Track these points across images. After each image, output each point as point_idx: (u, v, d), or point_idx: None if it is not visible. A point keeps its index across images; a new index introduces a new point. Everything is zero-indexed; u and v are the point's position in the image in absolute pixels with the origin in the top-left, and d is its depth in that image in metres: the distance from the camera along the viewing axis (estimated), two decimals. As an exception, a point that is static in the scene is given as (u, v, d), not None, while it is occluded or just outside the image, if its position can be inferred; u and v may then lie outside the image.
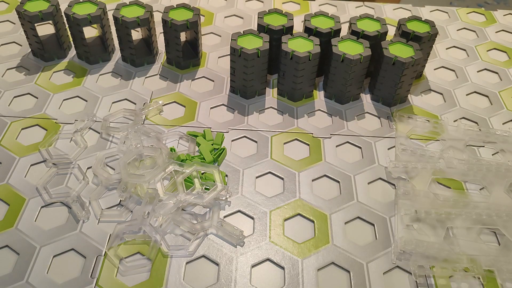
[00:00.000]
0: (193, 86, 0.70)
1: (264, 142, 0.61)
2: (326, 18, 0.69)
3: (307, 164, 0.58)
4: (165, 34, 0.68)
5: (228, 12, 0.86)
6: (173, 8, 0.68)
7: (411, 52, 0.63)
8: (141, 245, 0.48)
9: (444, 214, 0.53)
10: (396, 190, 0.56)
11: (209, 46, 0.77)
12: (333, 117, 0.66)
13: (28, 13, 0.66)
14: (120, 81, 0.70)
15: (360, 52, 0.62)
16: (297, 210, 0.53)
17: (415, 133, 0.63)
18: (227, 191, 0.53)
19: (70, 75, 0.70)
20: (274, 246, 0.49)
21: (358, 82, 0.65)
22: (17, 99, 0.66)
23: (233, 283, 0.46)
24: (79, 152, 0.58)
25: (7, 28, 0.79)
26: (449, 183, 0.57)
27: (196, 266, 0.47)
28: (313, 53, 0.61)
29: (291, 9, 0.88)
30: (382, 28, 0.67)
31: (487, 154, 0.61)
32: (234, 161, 0.58)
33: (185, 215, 0.51)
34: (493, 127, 0.65)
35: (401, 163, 0.58)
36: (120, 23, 0.66)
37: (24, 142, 0.59)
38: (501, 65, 0.77)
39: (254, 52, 0.61)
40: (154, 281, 0.46)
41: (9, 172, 0.55)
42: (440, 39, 0.82)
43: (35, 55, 0.73)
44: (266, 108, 0.66)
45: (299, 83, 0.64)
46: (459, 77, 0.74)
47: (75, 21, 0.66)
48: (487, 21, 0.88)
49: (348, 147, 0.61)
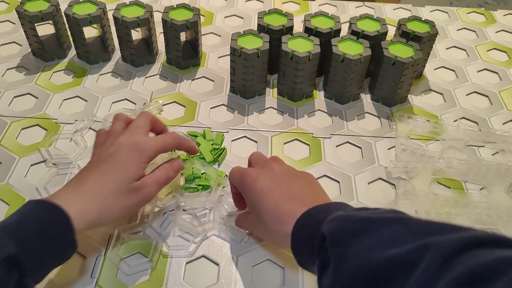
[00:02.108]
0: (193, 86, 0.70)
1: (264, 142, 0.61)
2: (326, 18, 0.69)
3: (307, 164, 0.58)
4: (165, 34, 0.68)
5: (228, 12, 0.86)
6: (173, 8, 0.68)
7: (411, 52, 0.63)
8: (141, 246, 0.48)
9: (444, 214, 0.53)
10: (396, 190, 0.56)
11: (209, 46, 0.77)
12: (333, 117, 0.66)
13: (28, 13, 0.66)
14: (120, 81, 0.70)
15: (360, 52, 0.62)
16: (297, 210, 0.53)
17: (415, 133, 0.63)
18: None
19: (70, 75, 0.70)
20: (274, 246, 0.49)
21: (358, 82, 0.65)
22: (17, 99, 0.66)
23: (233, 283, 0.46)
24: (79, 152, 0.58)
25: (7, 28, 0.79)
26: (449, 183, 0.57)
27: (196, 266, 0.47)
28: (313, 53, 0.61)
29: (291, 9, 0.88)
30: (382, 28, 0.67)
31: (487, 154, 0.61)
32: (234, 161, 0.58)
33: (185, 216, 0.51)
34: (493, 127, 0.65)
35: (401, 163, 0.58)
36: (120, 23, 0.66)
37: (24, 142, 0.59)
38: (501, 65, 0.77)
39: (254, 52, 0.60)
40: (154, 281, 0.46)
41: (9, 172, 0.55)
42: (440, 39, 0.82)
43: (35, 55, 0.73)
44: (266, 108, 0.66)
45: (299, 83, 0.64)
46: (459, 77, 0.74)
47: (75, 21, 0.66)
48: (487, 21, 0.88)
49: (348, 147, 0.61)
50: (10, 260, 0.34)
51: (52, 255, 0.38)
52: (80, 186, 0.42)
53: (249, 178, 0.44)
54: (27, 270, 0.35)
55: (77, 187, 0.42)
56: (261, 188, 0.43)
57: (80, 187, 0.41)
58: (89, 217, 0.40)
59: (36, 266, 0.37)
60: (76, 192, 0.41)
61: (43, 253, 0.37)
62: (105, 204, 0.41)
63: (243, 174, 0.45)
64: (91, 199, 0.41)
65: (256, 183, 0.43)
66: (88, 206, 0.40)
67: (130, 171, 0.43)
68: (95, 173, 0.43)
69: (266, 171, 0.45)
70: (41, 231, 0.37)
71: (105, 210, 0.41)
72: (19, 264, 0.35)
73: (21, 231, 0.36)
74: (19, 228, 0.37)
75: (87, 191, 0.41)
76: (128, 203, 0.43)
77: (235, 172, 0.47)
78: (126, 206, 0.43)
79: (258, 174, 0.44)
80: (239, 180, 0.45)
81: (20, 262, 0.35)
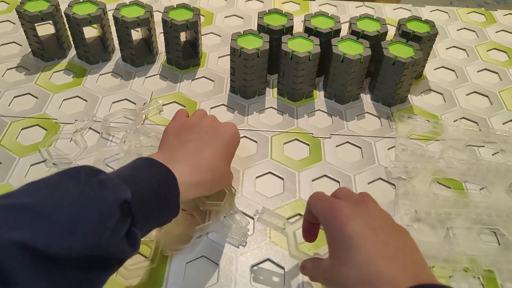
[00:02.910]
0: (193, 86, 0.70)
1: (264, 142, 0.61)
2: (326, 18, 0.69)
3: (307, 164, 0.58)
4: (165, 34, 0.68)
5: (228, 12, 0.86)
6: (173, 8, 0.68)
7: (411, 52, 0.63)
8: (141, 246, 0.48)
9: (444, 214, 0.53)
10: (396, 190, 0.56)
11: (209, 46, 0.77)
12: (333, 117, 0.66)
13: (28, 13, 0.66)
14: (120, 81, 0.70)
15: (360, 52, 0.62)
16: (297, 210, 0.53)
17: (415, 133, 0.63)
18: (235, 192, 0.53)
19: (70, 75, 0.70)
20: (274, 246, 0.49)
21: (358, 82, 0.65)
22: (17, 99, 0.66)
23: (233, 283, 0.46)
24: (79, 152, 0.58)
25: (7, 28, 0.79)
26: (449, 183, 0.57)
27: (196, 266, 0.47)
28: (313, 53, 0.61)
29: (291, 9, 0.88)
30: (382, 28, 0.67)
31: (487, 154, 0.61)
32: (234, 161, 0.58)
33: (185, 215, 0.51)
34: (493, 127, 0.65)
35: (401, 163, 0.58)
36: (120, 23, 0.66)
37: (24, 142, 0.59)
38: (501, 65, 0.77)
39: (254, 52, 0.60)
40: (154, 281, 0.46)
41: (9, 172, 0.55)
42: (440, 39, 0.82)
43: (35, 55, 0.73)
44: (266, 108, 0.66)
45: (299, 83, 0.64)
46: (459, 77, 0.74)
47: (75, 21, 0.66)
48: (487, 21, 0.88)
49: (348, 147, 0.61)
50: (125, 205, 0.35)
51: (158, 212, 0.39)
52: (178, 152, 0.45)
53: (341, 214, 0.36)
54: (136, 221, 0.36)
55: (175, 155, 0.44)
56: (354, 234, 0.35)
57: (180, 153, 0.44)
58: (190, 181, 0.42)
59: (143, 219, 0.37)
60: (187, 158, 0.44)
61: (151, 208, 0.38)
62: (214, 166, 0.45)
63: (334, 206, 0.37)
64: (203, 163, 0.44)
65: (349, 225, 0.36)
66: (189, 170, 0.42)
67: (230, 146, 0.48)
68: (196, 143, 0.46)
69: (362, 212, 0.37)
70: (152, 186, 0.38)
71: (215, 172, 0.45)
72: (131, 212, 0.35)
73: (135, 183, 0.37)
74: (133, 180, 0.38)
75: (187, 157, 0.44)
76: (220, 172, 0.46)
77: (320, 199, 0.40)
78: (219, 174, 0.45)
79: (352, 213, 0.37)
80: (326, 213, 0.38)
81: (133, 210, 0.35)
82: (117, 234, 0.34)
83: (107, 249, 0.33)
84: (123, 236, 0.34)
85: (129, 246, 0.35)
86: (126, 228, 0.35)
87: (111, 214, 0.33)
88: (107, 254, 0.33)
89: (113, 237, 0.33)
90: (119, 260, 0.35)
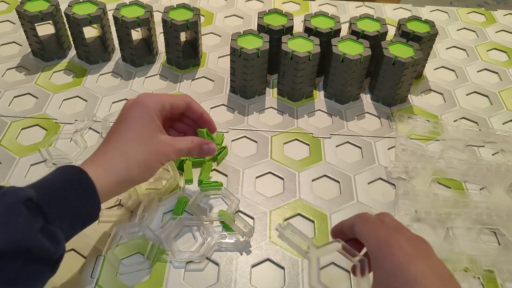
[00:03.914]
0: (193, 86, 0.70)
1: (264, 142, 0.61)
2: (326, 18, 0.69)
3: (307, 164, 0.58)
4: (165, 34, 0.68)
5: (228, 12, 0.86)
6: (173, 8, 0.68)
7: (411, 52, 0.63)
8: (140, 246, 0.48)
9: (444, 214, 0.53)
10: (396, 190, 0.56)
11: (209, 46, 0.77)
12: (333, 117, 0.66)
13: (28, 13, 0.66)
14: (120, 81, 0.70)
15: (360, 52, 0.62)
16: (297, 210, 0.53)
17: (415, 133, 0.63)
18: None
19: (70, 75, 0.70)
20: (274, 246, 0.49)
21: (358, 82, 0.65)
22: (17, 99, 0.66)
23: (233, 283, 0.46)
24: (79, 152, 0.58)
25: (7, 28, 0.79)
26: (449, 183, 0.57)
27: (196, 266, 0.47)
28: (313, 53, 0.61)
29: (291, 9, 0.88)
30: (382, 28, 0.67)
31: (487, 154, 0.61)
32: (234, 161, 0.58)
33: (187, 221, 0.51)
34: (493, 127, 0.65)
35: (401, 163, 0.58)
36: (120, 23, 0.66)
37: (24, 142, 0.59)
38: (501, 65, 0.77)
39: (254, 52, 0.60)
40: (154, 281, 0.46)
41: (9, 172, 0.55)
42: (440, 39, 0.82)
43: (35, 55, 0.73)
44: (266, 108, 0.66)
45: (299, 83, 0.64)
46: (459, 77, 0.74)
47: (75, 21, 0.66)
48: (487, 21, 0.88)
49: (348, 147, 0.61)
50: (31, 203, 0.36)
51: (75, 206, 0.39)
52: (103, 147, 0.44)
53: (401, 253, 0.33)
54: (51, 218, 0.37)
55: (98, 151, 0.44)
56: (420, 277, 0.31)
57: (103, 148, 0.44)
58: (117, 169, 0.42)
59: (60, 216, 0.38)
60: (99, 155, 0.44)
61: (64, 203, 0.38)
62: (128, 154, 0.43)
63: (391, 240, 0.33)
64: (114, 155, 0.43)
65: (412, 267, 0.32)
66: (114, 161, 0.42)
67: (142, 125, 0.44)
68: (111, 135, 0.45)
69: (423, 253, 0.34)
70: (59, 182, 0.39)
71: (129, 159, 0.43)
72: (41, 209, 0.36)
73: (41, 183, 0.39)
74: (39, 181, 0.39)
75: (109, 149, 0.43)
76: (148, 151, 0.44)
77: (371, 223, 0.36)
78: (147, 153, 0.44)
79: (413, 254, 0.33)
80: (380, 243, 0.34)
81: (42, 208, 0.37)
82: (29, 230, 0.35)
83: (21, 243, 0.34)
84: (38, 232, 0.36)
85: (50, 243, 0.36)
86: (39, 225, 0.36)
87: (15, 211, 0.35)
88: (28, 248, 0.35)
89: (25, 232, 0.35)
90: (46, 257, 0.36)
